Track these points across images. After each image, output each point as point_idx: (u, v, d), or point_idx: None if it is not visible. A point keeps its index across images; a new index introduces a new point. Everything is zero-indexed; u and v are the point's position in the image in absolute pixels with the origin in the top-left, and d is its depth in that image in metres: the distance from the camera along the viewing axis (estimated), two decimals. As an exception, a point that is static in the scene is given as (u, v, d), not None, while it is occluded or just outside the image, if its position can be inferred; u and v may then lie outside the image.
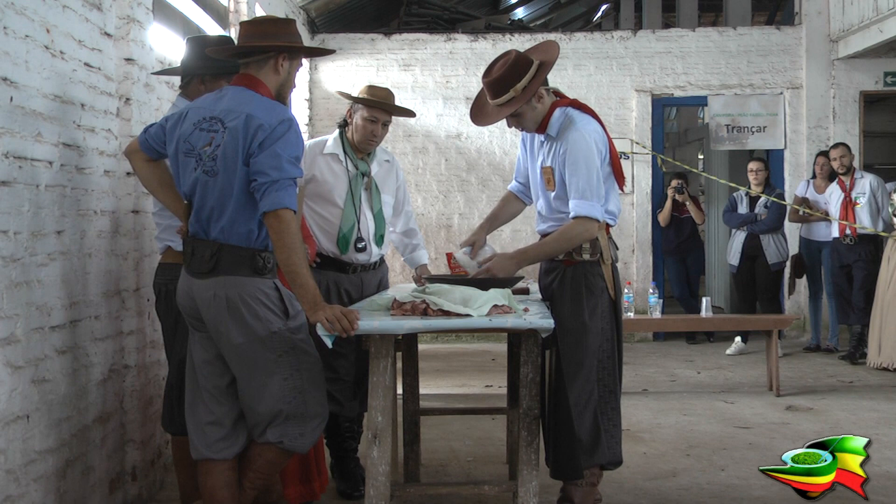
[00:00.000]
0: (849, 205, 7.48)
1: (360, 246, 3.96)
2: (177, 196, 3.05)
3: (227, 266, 2.86)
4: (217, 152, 2.85)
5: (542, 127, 3.35)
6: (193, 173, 2.89)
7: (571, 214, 3.26)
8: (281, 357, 2.89)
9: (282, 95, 3.01)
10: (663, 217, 8.80)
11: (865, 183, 7.52)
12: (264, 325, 2.87)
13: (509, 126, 3.44)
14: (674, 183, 8.74)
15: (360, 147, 4.00)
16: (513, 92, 3.24)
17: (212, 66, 3.31)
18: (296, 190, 2.85)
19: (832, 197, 7.67)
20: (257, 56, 2.95)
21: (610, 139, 3.37)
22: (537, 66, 3.27)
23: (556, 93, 3.42)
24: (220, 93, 2.98)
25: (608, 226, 3.40)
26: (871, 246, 7.48)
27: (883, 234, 7.36)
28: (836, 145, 7.81)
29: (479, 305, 2.91)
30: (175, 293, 3.06)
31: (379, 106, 3.94)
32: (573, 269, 3.32)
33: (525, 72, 3.24)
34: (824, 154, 8.02)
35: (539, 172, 3.43)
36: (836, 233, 7.58)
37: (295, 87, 3.12)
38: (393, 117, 4.05)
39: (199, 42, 3.40)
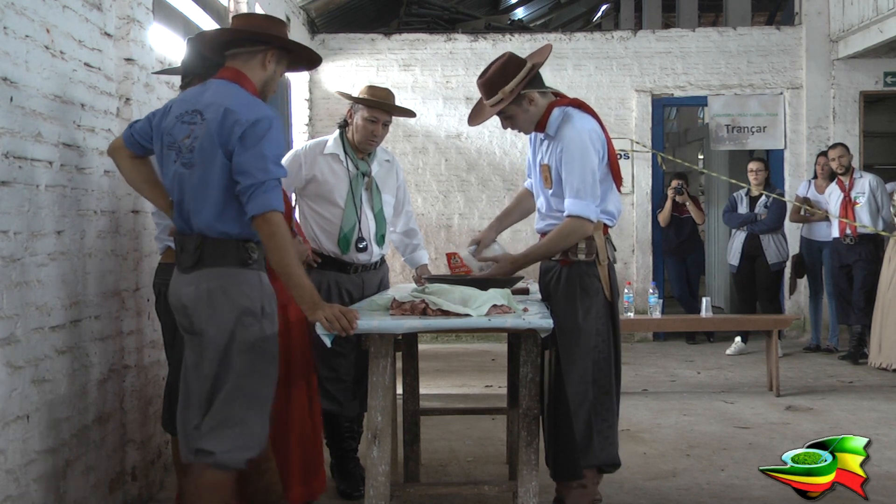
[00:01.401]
0: (848, 204, 7.48)
1: (361, 246, 3.97)
2: (163, 193, 3.02)
3: (211, 258, 2.81)
4: (195, 144, 2.80)
5: (541, 126, 3.36)
6: (173, 166, 2.86)
7: (565, 213, 3.26)
8: (243, 354, 2.79)
9: (264, 93, 2.96)
10: (663, 217, 8.80)
11: (865, 182, 7.52)
12: (235, 314, 2.78)
13: (504, 127, 3.45)
14: (674, 183, 8.74)
15: (360, 147, 4.00)
16: (501, 94, 3.26)
17: (212, 65, 3.30)
18: (281, 190, 2.81)
19: (831, 197, 7.67)
20: (247, 48, 2.91)
21: (609, 139, 3.37)
22: (528, 70, 3.28)
23: (556, 93, 3.42)
24: (204, 86, 2.93)
25: (606, 226, 3.39)
26: (871, 245, 7.48)
27: (883, 233, 7.36)
28: (834, 145, 7.82)
29: (478, 305, 2.91)
30: (175, 293, 3.05)
31: (379, 106, 3.94)
32: (569, 270, 3.32)
33: (514, 74, 3.26)
34: (825, 154, 8.02)
35: (538, 170, 3.43)
36: (836, 233, 7.58)
37: (275, 91, 3.07)
38: (393, 117, 4.06)
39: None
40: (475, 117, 3.45)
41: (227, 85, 2.87)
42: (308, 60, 3.15)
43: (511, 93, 3.25)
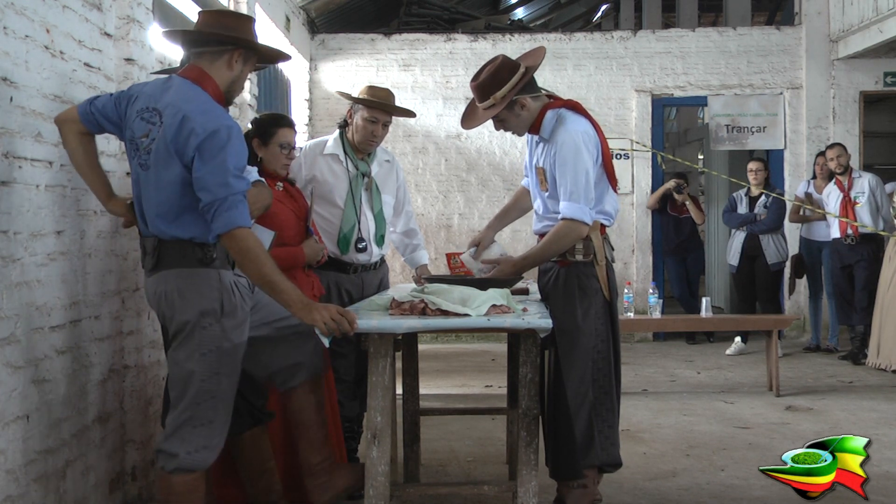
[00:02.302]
0: (848, 204, 7.48)
1: (360, 246, 3.97)
2: (104, 180, 3.00)
3: (169, 259, 2.78)
4: (151, 146, 2.76)
5: (535, 129, 3.36)
6: (133, 162, 2.83)
7: (560, 216, 3.27)
8: (204, 356, 2.77)
9: (231, 93, 2.91)
10: (651, 201, 8.80)
11: (864, 182, 7.52)
12: (194, 314, 2.76)
13: (497, 129, 3.45)
14: (673, 182, 8.74)
15: (360, 147, 4.00)
16: (492, 99, 3.26)
17: None
18: (246, 204, 2.73)
19: (830, 197, 7.66)
20: (213, 47, 2.84)
21: (604, 140, 3.36)
22: (521, 74, 3.26)
23: (550, 95, 3.42)
24: (168, 82, 2.86)
25: (603, 226, 3.40)
26: (872, 245, 7.47)
27: (883, 233, 7.36)
28: (832, 145, 7.81)
29: (477, 305, 2.91)
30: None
31: (379, 106, 3.94)
32: (566, 270, 3.32)
33: (507, 80, 3.24)
34: (824, 154, 8.02)
35: (534, 173, 3.44)
36: (836, 233, 7.57)
37: (241, 91, 3.04)
38: (393, 117, 4.06)
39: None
40: (469, 120, 3.43)
41: (189, 86, 2.80)
42: (276, 58, 3.11)
43: (503, 99, 3.24)
